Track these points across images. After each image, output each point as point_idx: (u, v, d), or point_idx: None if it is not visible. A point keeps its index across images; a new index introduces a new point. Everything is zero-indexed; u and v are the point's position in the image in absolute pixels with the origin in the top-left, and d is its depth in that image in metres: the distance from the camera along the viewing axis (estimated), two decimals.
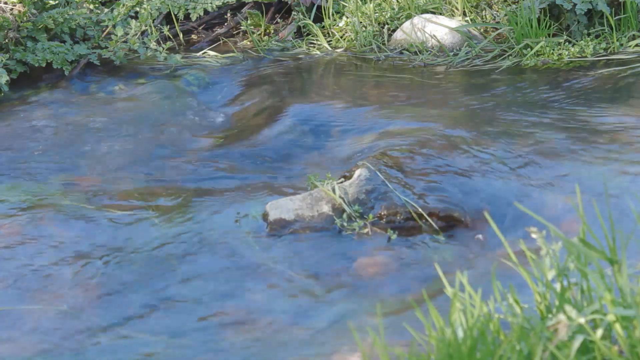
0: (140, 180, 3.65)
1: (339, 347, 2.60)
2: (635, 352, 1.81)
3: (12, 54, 4.37)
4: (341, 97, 4.25)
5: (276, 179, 3.63)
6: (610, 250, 1.91)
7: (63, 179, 3.69)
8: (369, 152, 3.59)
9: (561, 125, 3.78)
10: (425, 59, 4.59)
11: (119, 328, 2.76)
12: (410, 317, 2.58)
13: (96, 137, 3.97)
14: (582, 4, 4.52)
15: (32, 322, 2.79)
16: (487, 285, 2.13)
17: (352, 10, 4.85)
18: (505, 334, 1.93)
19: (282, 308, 2.84)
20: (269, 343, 2.67)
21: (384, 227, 3.18)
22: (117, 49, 4.51)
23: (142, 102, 4.23)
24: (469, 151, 3.52)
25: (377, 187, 3.27)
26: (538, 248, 2.06)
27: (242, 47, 4.90)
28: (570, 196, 3.20)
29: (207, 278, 2.98)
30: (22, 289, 2.95)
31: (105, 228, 3.26)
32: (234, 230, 3.21)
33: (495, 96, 4.17)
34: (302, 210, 3.22)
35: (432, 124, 3.83)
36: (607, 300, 1.82)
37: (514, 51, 4.53)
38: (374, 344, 2.00)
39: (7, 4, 4.44)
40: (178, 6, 4.80)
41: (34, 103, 4.24)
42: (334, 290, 2.91)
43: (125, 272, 3.00)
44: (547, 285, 2.00)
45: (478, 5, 4.85)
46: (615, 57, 4.45)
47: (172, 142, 3.95)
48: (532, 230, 1.98)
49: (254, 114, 4.18)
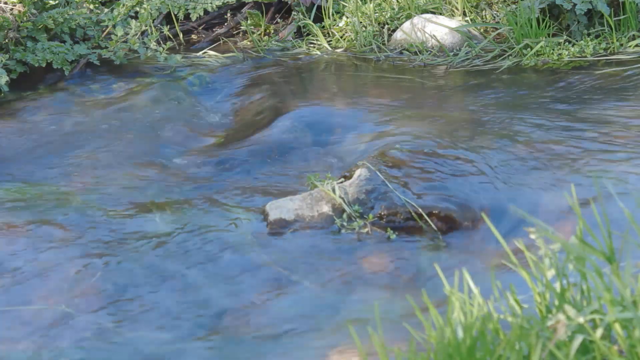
0: (139, 180, 3.66)
1: (339, 346, 2.60)
2: (635, 352, 1.82)
3: (12, 54, 4.37)
4: (341, 97, 4.25)
5: (276, 178, 3.64)
6: (608, 249, 1.91)
7: (63, 179, 3.69)
8: (369, 152, 3.59)
9: (561, 125, 3.78)
10: (425, 59, 4.59)
11: (119, 328, 2.76)
12: (410, 316, 2.58)
13: (96, 137, 3.97)
14: (582, 4, 4.52)
15: (32, 322, 2.79)
16: (486, 285, 2.14)
17: (352, 10, 4.85)
18: (504, 334, 1.93)
19: (281, 307, 2.84)
20: (268, 342, 2.67)
21: (384, 227, 3.18)
22: (117, 49, 4.51)
23: (142, 102, 4.24)
24: (468, 151, 3.52)
25: (377, 187, 3.27)
26: (537, 248, 2.06)
27: (242, 47, 4.91)
28: (570, 196, 3.20)
29: (206, 278, 2.98)
30: (21, 289, 2.95)
31: (105, 228, 3.26)
32: (233, 230, 3.21)
33: (495, 96, 4.17)
34: (302, 210, 3.22)
35: (432, 124, 3.83)
36: (606, 300, 1.82)
37: (514, 51, 4.54)
38: (373, 343, 2.00)
39: (7, 4, 4.44)
40: (178, 6, 4.80)
41: (33, 103, 4.24)
42: (333, 290, 2.91)
43: (124, 272, 3.01)
44: (546, 285, 2.00)
45: (478, 5, 4.86)
46: (615, 57, 4.45)
47: (172, 141, 3.95)
48: (530, 230, 1.99)
49: (254, 113, 4.18)
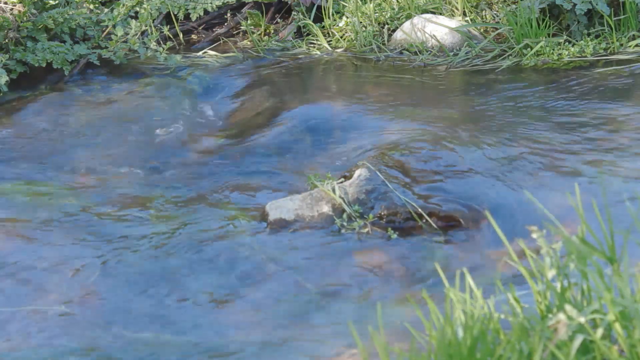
0: (140, 179, 3.66)
1: (339, 345, 2.60)
2: (635, 351, 1.82)
3: (12, 54, 4.37)
4: (341, 97, 4.25)
5: (276, 178, 3.63)
6: (610, 249, 1.91)
7: (62, 179, 3.69)
8: (369, 152, 3.59)
9: (561, 125, 3.78)
10: (425, 59, 4.59)
11: (119, 328, 2.76)
12: (411, 316, 2.58)
13: (96, 136, 3.97)
14: (582, 4, 4.52)
15: (31, 322, 2.79)
16: (487, 284, 2.13)
17: (352, 10, 4.85)
18: (505, 334, 1.93)
19: (281, 307, 2.84)
20: (268, 342, 2.67)
21: (384, 227, 3.18)
22: (117, 49, 4.51)
23: (142, 102, 4.23)
24: (468, 151, 3.52)
25: (377, 187, 3.27)
26: (538, 248, 2.06)
27: (242, 47, 4.90)
28: (571, 196, 3.20)
29: (206, 278, 2.98)
30: (21, 289, 2.95)
31: (105, 228, 3.26)
32: (233, 230, 3.21)
33: (495, 96, 4.17)
34: (302, 210, 3.22)
35: (432, 124, 3.83)
36: (606, 299, 1.82)
37: (513, 51, 4.54)
38: (374, 342, 2.00)
39: (7, 4, 4.44)
40: (178, 6, 4.80)
41: (34, 103, 4.24)
42: (333, 290, 2.91)
43: (124, 272, 3.01)
44: (547, 285, 2.00)
45: (478, 5, 4.85)
46: (615, 57, 4.45)
47: (172, 141, 3.95)
48: (532, 229, 1.98)
49: (254, 113, 4.18)
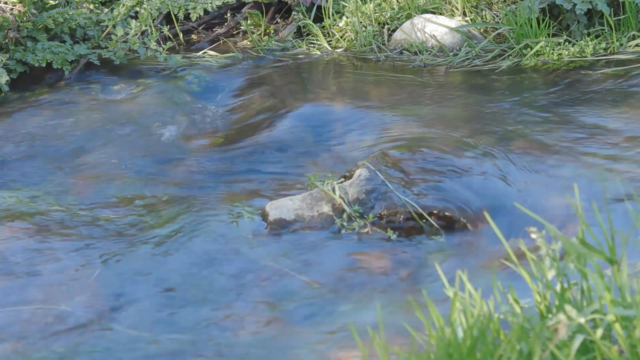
0: (140, 180, 3.66)
1: (339, 346, 2.60)
2: (635, 352, 1.82)
3: (12, 54, 4.37)
4: (341, 97, 4.25)
5: (276, 178, 3.64)
6: (610, 250, 1.91)
7: (62, 179, 3.69)
8: (369, 152, 3.59)
9: (561, 126, 3.78)
10: (425, 59, 4.59)
11: (118, 328, 2.76)
12: (411, 316, 2.58)
13: (96, 137, 3.97)
14: (582, 4, 4.52)
15: (31, 322, 2.79)
16: (487, 284, 2.14)
17: (352, 10, 4.85)
18: (505, 334, 1.93)
19: (281, 307, 2.84)
20: (268, 342, 2.67)
21: (384, 227, 3.18)
22: (117, 49, 4.51)
23: (142, 102, 4.24)
24: (468, 151, 3.52)
25: (377, 187, 3.27)
26: (538, 248, 2.06)
27: (242, 47, 4.91)
28: (570, 197, 3.20)
29: (206, 278, 2.98)
30: (21, 288, 2.95)
31: (105, 227, 3.26)
32: (233, 230, 3.21)
33: (495, 96, 4.17)
34: (302, 210, 3.22)
35: (432, 124, 3.83)
36: (606, 300, 1.82)
37: (513, 51, 4.54)
38: (373, 343, 2.00)
39: (7, 4, 4.44)
40: (178, 6, 4.80)
41: (33, 103, 4.24)
42: (333, 290, 2.91)
43: (124, 272, 3.01)
44: (547, 285, 2.00)
45: (478, 5, 4.86)
46: (615, 57, 4.45)
47: (172, 142, 3.95)
48: (531, 230, 1.99)
49: (253, 113, 4.18)
